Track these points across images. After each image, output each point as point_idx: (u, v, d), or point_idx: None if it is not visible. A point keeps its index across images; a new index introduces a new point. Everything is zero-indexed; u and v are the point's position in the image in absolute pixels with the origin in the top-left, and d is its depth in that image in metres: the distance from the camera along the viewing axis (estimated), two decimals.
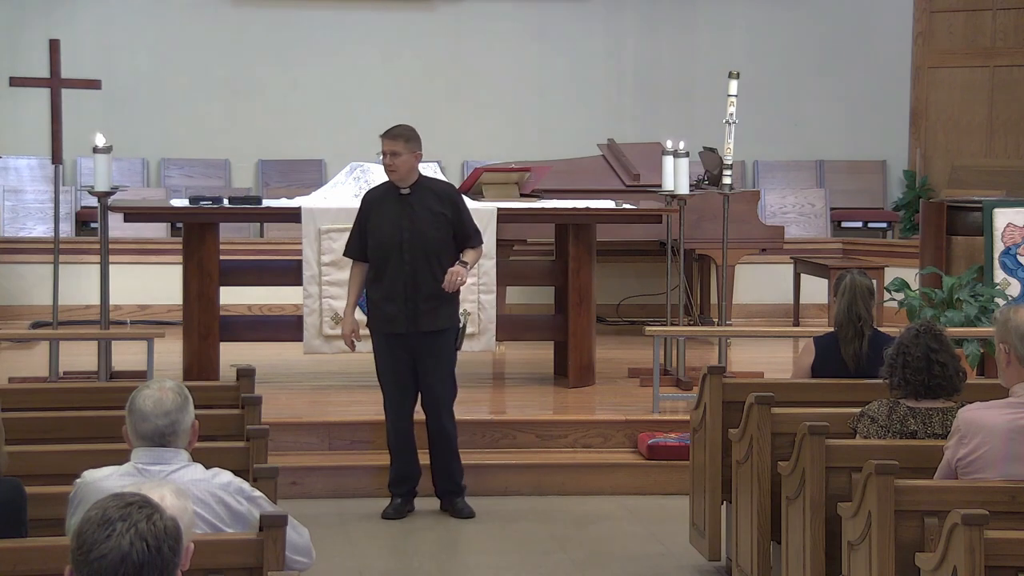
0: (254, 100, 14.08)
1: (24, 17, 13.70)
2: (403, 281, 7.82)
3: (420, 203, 7.88)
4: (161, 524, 3.02)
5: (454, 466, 8.05)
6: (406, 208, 7.87)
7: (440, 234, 7.86)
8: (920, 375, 5.76)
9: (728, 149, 9.90)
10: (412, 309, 7.83)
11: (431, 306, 7.84)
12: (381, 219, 7.88)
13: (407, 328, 7.84)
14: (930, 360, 5.76)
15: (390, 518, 8.00)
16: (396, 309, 7.84)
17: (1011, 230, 9.83)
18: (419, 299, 7.82)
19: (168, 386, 4.52)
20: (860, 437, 5.86)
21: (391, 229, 7.84)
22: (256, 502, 4.52)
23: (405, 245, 7.82)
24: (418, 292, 7.83)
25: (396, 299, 7.83)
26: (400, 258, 7.82)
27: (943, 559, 4.73)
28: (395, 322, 7.85)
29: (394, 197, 7.91)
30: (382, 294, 7.88)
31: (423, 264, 7.83)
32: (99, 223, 9.71)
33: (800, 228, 13.85)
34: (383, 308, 7.88)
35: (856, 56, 14.43)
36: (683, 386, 9.67)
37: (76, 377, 9.48)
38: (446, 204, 7.91)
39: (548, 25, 14.34)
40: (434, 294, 7.83)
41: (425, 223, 7.84)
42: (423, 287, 7.83)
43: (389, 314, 7.86)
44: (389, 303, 7.85)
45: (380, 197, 7.96)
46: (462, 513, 8.02)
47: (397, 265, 7.83)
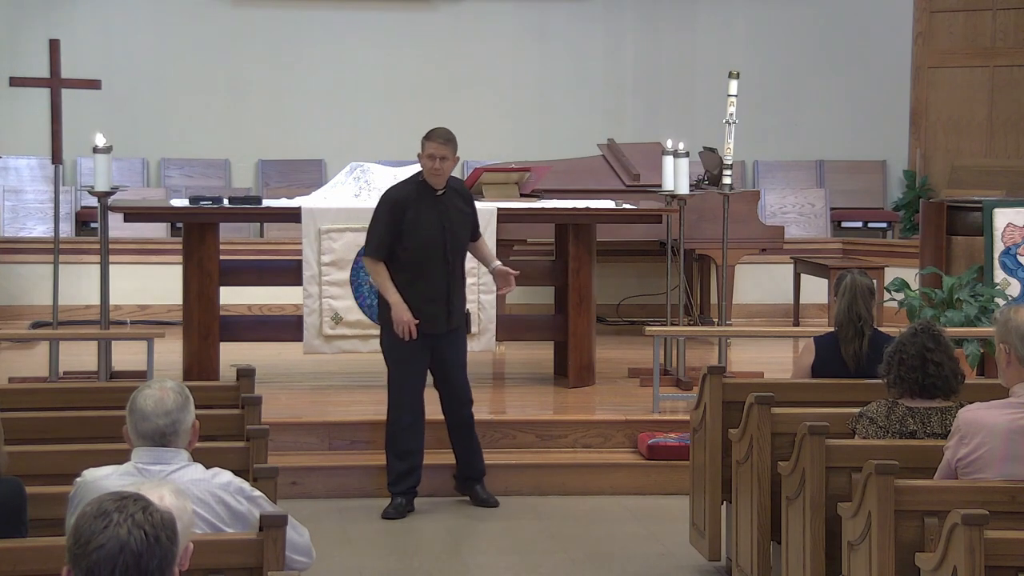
0: (254, 100, 14.08)
1: (24, 17, 13.70)
2: (445, 283, 7.93)
3: (452, 204, 8.02)
4: (158, 515, 3.04)
5: (478, 452, 8.22)
6: (443, 209, 7.97)
7: (467, 233, 8.10)
8: (914, 373, 5.76)
9: (728, 149, 9.90)
10: (451, 308, 7.97)
11: (460, 303, 8.07)
12: (422, 219, 7.91)
13: (444, 327, 7.96)
14: (925, 359, 5.77)
15: (391, 518, 8.01)
16: (438, 309, 7.93)
17: (1011, 230, 9.83)
18: (455, 298, 8.00)
19: (169, 386, 4.52)
20: (859, 438, 5.86)
21: (433, 231, 7.91)
22: (256, 502, 4.52)
23: (448, 246, 7.92)
24: (454, 292, 7.99)
25: (439, 300, 7.93)
26: (444, 259, 7.92)
27: (943, 559, 4.73)
28: (436, 322, 7.94)
29: (431, 199, 7.96)
30: (423, 294, 7.90)
31: (458, 265, 8.03)
32: (99, 223, 9.71)
33: (800, 228, 13.85)
34: (423, 308, 7.91)
35: (856, 56, 14.43)
36: (683, 386, 9.67)
37: (76, 377, 9.48)
38: (467, 202, 8.14)
39: (548, 25, 14.35)
40: (463, 293, 8.09)
41: (458, 224, 8.01)
42: (457, 286, 8.02)
43: (431, 314, 7.92)
44: (431, 304, 7.92)
45: (414, 198, 7.96)
46: (487, 502, 8.17)
47: (440, 266, 7.92)
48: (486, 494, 8.23)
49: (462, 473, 8.26)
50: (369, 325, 9.55)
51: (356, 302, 9.55)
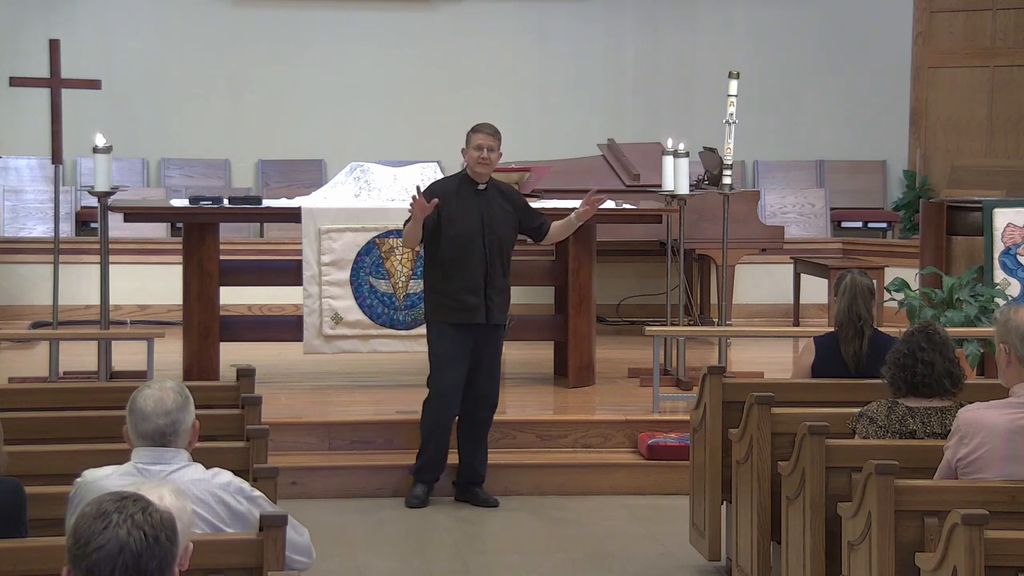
0: (254, 100, 14.08)
1: (24, 17, 13.70)
2: (482, 274, 8.07)
3: (494, 200, 8.17)
4: (157, 515, 3.04)
5: (483, 458, 8.28)
6: (484, 204, 8.13)
7: (510, 232, 8.21)
8: (904, 372, 5.77)
9: (728, 149, 9.90)
10: (489, 302, 8.09)
11: (500, 300, 8.16)
12: (460, 212, 8.08)
13: (484, 319, 8.08)
14: (915, 359, 5.77)
15: (415, 506, 8.16)
16: (476, 300, 8.08)
17: (1011, 230, 9.83)
18: (493, 292, 8.10)
19: (169, 386, 4.52)
20: (859, 437, 5.86)
21: (472, 222, 8.07)
22: (256, 502, 4.52)
23: (486, 239, 8.08)
24: (492, 286, 8.09)
25: (476, 290, 8.07)
26: (482, 251, 8.07)
27: (943, 559, 4.73)
28: (475, 312, 8.08)
29: (471, 191, 8.15)
30: (461, 285, 8.07)
31: (497, 259, 8.12)
32: (99, 223, 9.71)
33: (800, 228, 13.85)
34: (462, 299, 8.07)
35: (856, 56, 14.43)
36: (683, 386, 9.67)
37: (76, 377, 9.48)
38: (514, 202, 8.26)
39: (548, 25, 14.35)
40: (501, 289, 8.16)
41: (499, 219, 8.14)
42: (496, 281, 8.12)
43: (470, 304, 8.07)
44: (469, 294, 8.07)
45: (455, 190, 8.16)
46: (488, 502, 8.23)
47: (478, 258, 8.07)
48: (485, 494, 8.26)
49: (463, 477, 8.28)
50: (369, 325, 9.56)
51: (356, 302, 9.55)
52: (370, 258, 9.57)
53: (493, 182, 8.24)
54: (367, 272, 9.55)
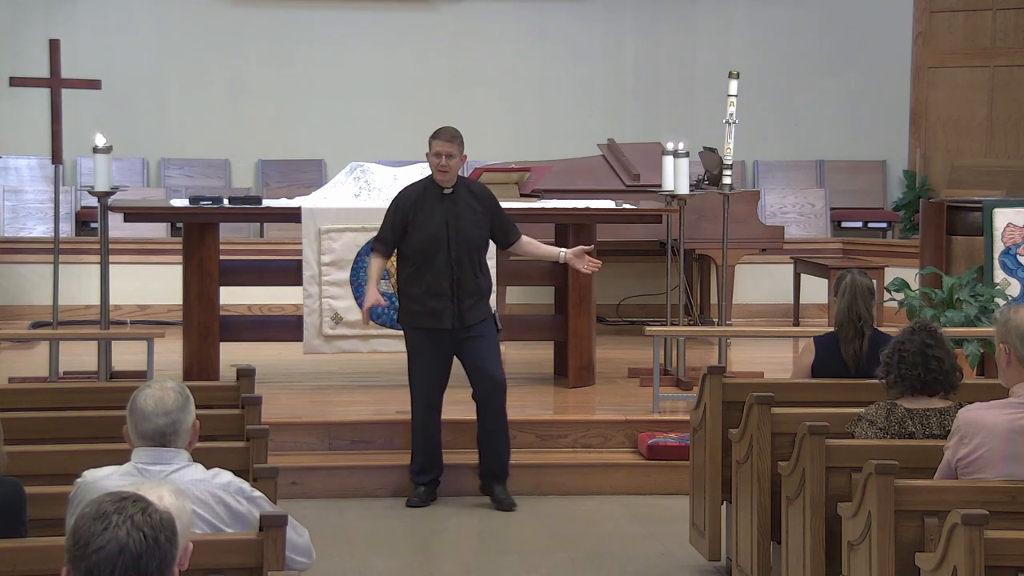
0: (254, 100, 14.08)
1: (24, 17, 13.70)
2: (449, 278, 8.03)
3: (462, 202, 8.11)
4: (157, 516, 3.04)
5: (505, 447, 8.22)
6: (449, 207, 8.07)
7: (481, 232, 8.14)
8: (916, 370, 5.76)
9: (728, 149, 9.90)
10: (457, 305, 8.03)
11: (473, 301, 8.09)
12: (425, 217, 8.06)
13: (452, 323, 8.03)
14: (926, 355, 5.77)
15: (415, 506, 8.17)
16: (442, 305, 8.03)
17: (1011, 230, 9.83)
18: (463, 295, 8.04)
19: (169, 386, 4.52)
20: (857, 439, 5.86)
21: (437, 227, 8.03)
22: (256, 502, 4.52)
23: (451, 243, 8.03)
24: (462, 289, 8.04)
25: (442, 295, 8.03)
26: (447, 256, 8.02)
27: (943, 559, 4.73)
28: (441, 317, 8.04)
29: (436, 196, 8.10)
30: (425, 290, 8.04)
31: (466, 261, 8.07)
32: (99, 223, 9.71)
33: (800, 228, 13.85)
34: (427, 304, 8.05)
35: (856, 56, 14.43)
36: (683, 386, 9.67)
37: (76, 377, 9.48)
38: (484, 203, 8.18)
39: (548, 25, 14.35)
40: (474, 290, 8.09)
41: (468, 222, 8.08)
42: (466, 284, 8.06)
43: (435, 310, 8.04)
44: (434, 299, 8.03)
45: (420, 195, 8.13)
46: (504, 504, 8.15)
47: (443, 262, 8.03)
48: (504, 494, 8.20)
49: (486, 470, 8.24)
50: (369, 325, 9.55)
51: (356, 302, 9.55)
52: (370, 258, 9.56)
53: (463, 183, 8.21)
54: (367, 272, 9.54)
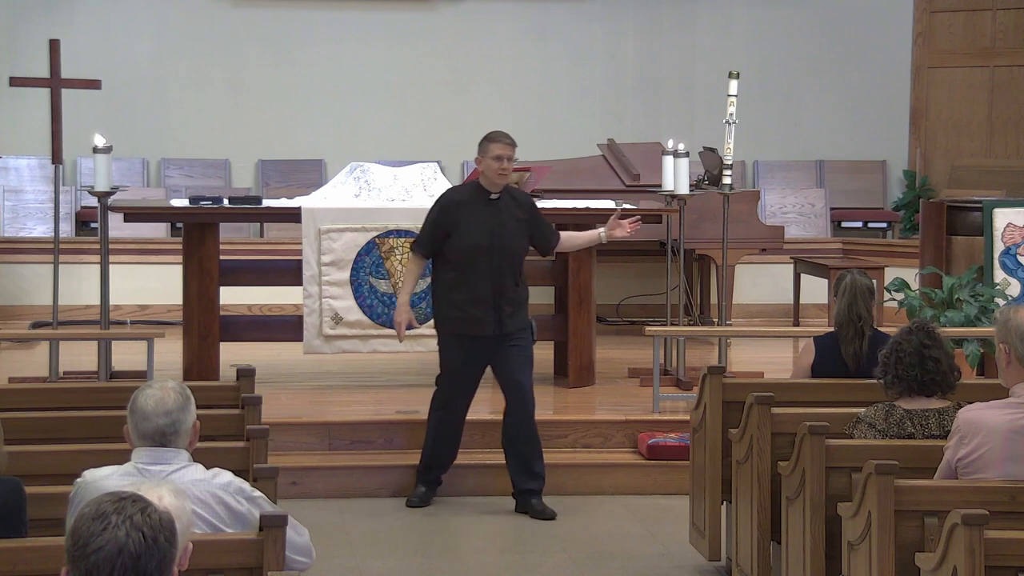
0: (254, 100, 14.08)
1: (24, 17, 13.70)
2: (491, 285, 7.92)
3: (506, 209, 8.01)
4: (156, 516, 3.04)
5: (537, 458, 8.08)
6: (494, 213, 7.97)
7: (523, 241, 8.06)
8: (913, 371, 5.76)
9: (728, 149, 9.90)
10: (498, 313, 7.92)
11: (512, 310, 7.98)
12: (471, 222, 7.94)
13: (493, 331, 7.93)
14: (923, 356, 5.76)
15: (415, 506, 8.14)
16: (483, 312, 7.92)
17: (1011, 230, 9.83)
18: (503, 303, 7.93)
19: (170, 386, 4.52)
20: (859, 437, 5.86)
21: (481, 233, 7.92)
22: (256, 502, 4.52)
23: (495, 250, 7.92)
24: (503, 296, 7.93)
25: (483, 302, 7.92)
26: (489, 262, 7.92)
27: (943, 559, 4.73)
28: (482, 324, 7.93)
29: (483, 202, 8.00)
30: (467, 296, 7.94)
31: (508, 269, 7.96)
32: (99, 223, 9.70)
33: (800, 228, 13.85)
34: (467, 310, 7.94)
35: (856, 56, 14.43)
36: (683, 386, 9.67)
37: (76, 377, 9.48)
38: (527, 211, 8.09)
39: (548, 25, 14.35)
40: (514, 299, 7.99)
41: (511, 229, 7.98)
42: (507, 292, 7.95)
43: (475, 316, 7.93)
44: (475, 306, 7.92)
45: (466, 200, 8.03)
46: (543, 514, 8.02)
47: (486, 269, 7.91)
48: (542, 505, 8.06)
49: (520, 485, 8.09)
50: (369, 325, 9.56)
51: (356, 302, 9.55)
52: (370, 258, 9.57)
53: (507, 189, 8.11)
54: (367, 272, 9.55)
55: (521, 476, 8.08)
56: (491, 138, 8.04)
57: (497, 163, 7.97)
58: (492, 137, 8.05)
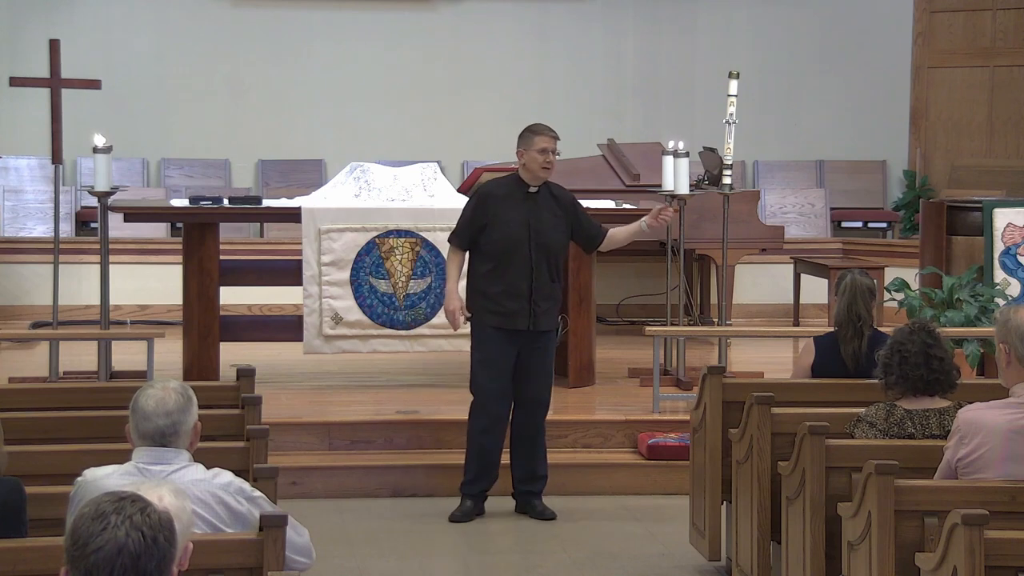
0: (254, 100, 14.08)
1: (24, 17, 13.70)
2: (528, 279, 7.84)
3: (545, 204, 7.93)
4: (155, 516, 3.04)
5: (542, 459, 8.02)
6: (532, 207, 7.90)
7: (561, 237, 7.96)
8: (918, 370, 5.75)
9: (728, 149, 9.91)
10: (534, 307, 7.85)
11: (547, 306, 7.90)
12: (508, 215, 7.86)
13: (528, 325, 7.86)
14: (928, 355, 5.76)
15: (458, 521, 7.92)
16: (519, 306, 7.84)
17: (1011, 230, 9.83)
18: (539, 298, 7.86)
19: (172, 386, 4.52)
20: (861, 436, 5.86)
21: (519, 226, 7.84)
22: (256, 502, 4.52)
23: (532, 243, 7.84)
24: (539, 292, 7.86)
25: (520, 296, 7.84)
26: (527, 256, 7.83)
27: (943, 559, 4.73)
28: (517, 318, 7.85)
29: (521, 195, 7.93)
30: (503, 289, 7.85)
31: (544, 264, 7.87)
32: (99, 223, 9.71)
33: (800, 228, 13.85)
34: (504, 303, 7.85)
35: (856, 56, 14.44)
36: (683, 386, 9.67)
37: (76, 377, 9.48)
38: (566, 207, 8.00)
39: (548, 25, 14.35)
40: (549, 295, 7.91)
41: (549, 224, 7.90)
42: (543, 287, 7.87)
43: (511, 310, 7.85)
44: (512, 299, 7.84)
45: (505, 193, 7.94)
46: (543, 515, 7.99)
47: (523, 262, 7.83)
48: (543, 506, 8.03)
49: (521, 485, 8.05)
50: (369, 325, 9.55)
51: (356, 302, 9.55)
52: (370, 258, 9.57)
53: (547, 185, 8.01)
54: (367, 272, 9.55)
55: (524, 476, 8.06)
56: (535, 130, 7.98)
57: (542, 156, 7.91)
58: (536, 130, 7.98)
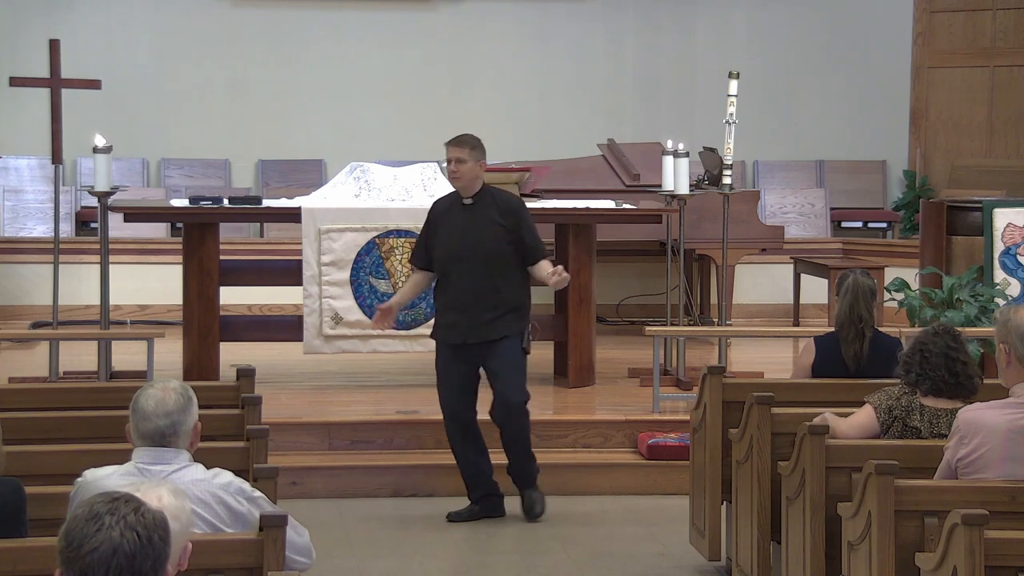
0: (254, 100, 14.08)
1: (24, 17, 13.70)
2: (464, 292, 7.78)
3: (482, 214, 7.82)
4: (150, 515, 3.03)
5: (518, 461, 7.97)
6: (468, 218, 7.83)
7: (499, 246, 7.80)
8: (939, 371, 5.74)
9: (728, 149, 9.91)
10: (475, 320, 7.77)
11: (494, 315, 7.78)
12: (446, 229, 7.85)
13: (467, 339, 7.80)
14: (949, 358, 5.76)
15: (452, 521, 7.97)
16: (457, 319, 7.82)
17: (1011, 230, 9.83)
18: (480, 310, 7.77)
19: (172, 387, 4.52)
20: (870, 405, 5.85)
21: (456, 239, 7.81)
22: (256, 502, 4.52)
23: (466, 256, 7.78)
24: (479, 303, 7.77)
25: (458, 308, 7.82)
26: (462, 268, 7.79)
27: (943, 559, 4.73)
28: (455, 331, 7.83)
29: (459, 207, 7.89)
30: (444, 303, 7.89)
31: (483, 275, 7.77)
32: (99, 223, 9.71)
33: (800, 228, 13.85)
34: (445, 316, 7.88)
35: (856, 56, 14.44)
36: (683, 386, 9.67)
37: (76, 377, 9.48)
38: (507, 216, 7.84)
39: (548, 25, 14.35)
40: (496, 304, 7.78)
41: (485, 234, 7.79)
42: (484, 298, 7.77)
43: (450, 322, 7.84)
44: (451, 312, 7.84)
45: (446, 207, 7.94)
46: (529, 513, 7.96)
47: (459, 275, 7.80)
48: (530, 502, 7.99)
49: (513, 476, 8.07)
50: (369, 325, 9.55)
51: (356, 302, 9.55)
52: (370, 258, 9.58)
53: (490, 194, 7.90)
54: (367, 272, 9.55)
55: (514, 476, 8.06)
56: (448, 142, 7.92)
57: (448, 166, 7.88)
58: (448, 140, 7.92)
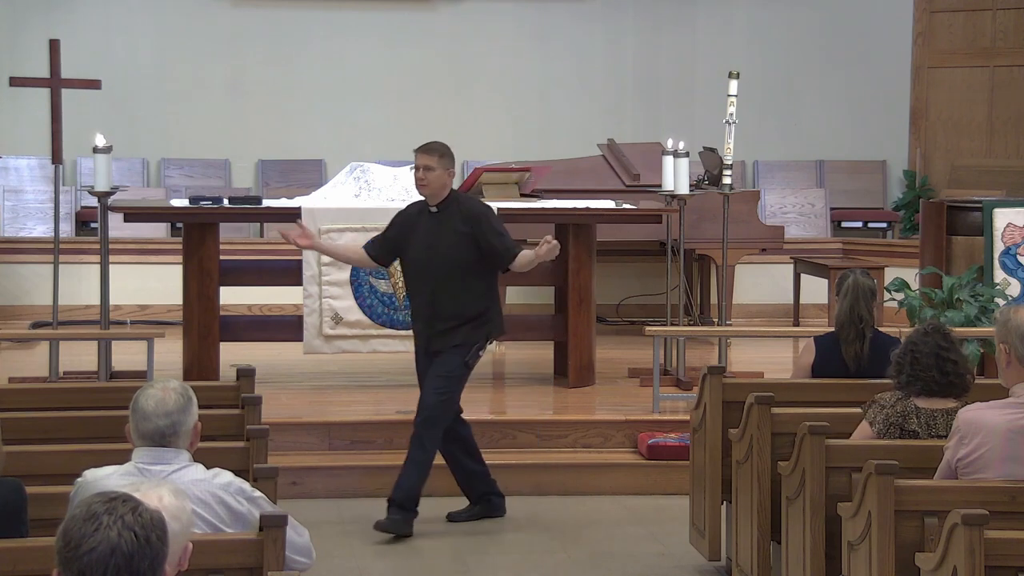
0: (254, 100, 14.08)
1: (24, 17, 13.70)
2: (424, 302, 7.75)
3: (447, 222, 7.74)
4: (147, 515, 3.03)
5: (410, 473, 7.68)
6: (433, 227, 7.76)
7: (461, 255, 7.69)
8: (930, 372, 5.74)
9: (728, 149, 9.91)
10: (432, 329, 7.75)
11: (449, 326, 7.70)
12: (414, 237, 7.80)
13: (428, 347, 7.80)
14: (940, 358, 5.75)
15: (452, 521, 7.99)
16: (420, 327, 7.85)
17: (1011, 230, 9.83)
18: (437, 320, 7.73)
19: (172, 387, 4.52)
20: (867, 422, 5.85)
21: (420, 247, 7.76)
22: (256, 502, 4.52)
23: (428, 265, 7.73)
24: (438, 314, 7.72)
25: (419, 316, 7.82)
26: (425, 277, 7.75)
27: (943, 559, 4.73)
28: (420, 339, 7.88)
29: (425, 215, 7.83)
30: (412, 311, 7.93)
31: (444, 284, 7.70)
32: (99, 223, 9.71)
33: (800, 228, 13.85)
34: (413, 324, 7.94)
35: (856, 56, 14.44)
36: (683, 386, 9.67)
37: (76, 377, 9.48)
38: (471, 223, 7.72)
39: (548, 25, 14.35)
40: (453, 315, 7.70)
41: (450, 241, 7.70)
42: (444, 308, 7.70)
43: (416, 330, 7.91)
44: (416, 321, 7.88)
45: (415, 214, 7.87)
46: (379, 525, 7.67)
47: (422, 284, 7.77)
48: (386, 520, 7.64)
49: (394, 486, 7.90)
50: (369, 325, 9.56)
51: (356, 302, 9.56)
52: None
53: (456, 202, 7.78)
54: (367, 272, 9.55)
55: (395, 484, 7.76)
56: (416, 149, 7.83)
57: (415, 173, 7.82)
58: (417, 148, 7.83)
